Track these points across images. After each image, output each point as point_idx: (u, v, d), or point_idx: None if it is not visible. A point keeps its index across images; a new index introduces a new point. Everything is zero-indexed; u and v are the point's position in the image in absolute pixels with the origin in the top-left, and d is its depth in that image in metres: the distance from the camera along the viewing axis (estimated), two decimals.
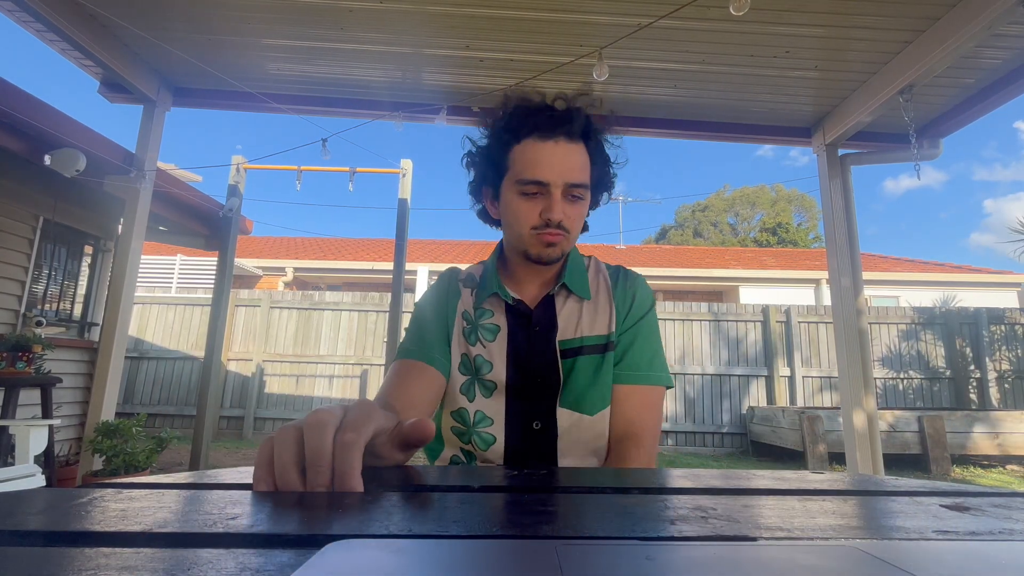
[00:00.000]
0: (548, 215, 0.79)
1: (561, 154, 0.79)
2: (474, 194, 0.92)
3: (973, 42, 2.45)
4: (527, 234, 0.81)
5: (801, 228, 26.01)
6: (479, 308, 0.88)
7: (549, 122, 0.80)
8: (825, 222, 3.53)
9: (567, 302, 0.88)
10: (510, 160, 0.82)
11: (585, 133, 0.82)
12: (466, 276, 0.94)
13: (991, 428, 5.34)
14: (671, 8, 2.48)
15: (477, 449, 0.83)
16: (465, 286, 0.92)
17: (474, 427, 0.84)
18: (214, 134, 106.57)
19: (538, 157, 0.79)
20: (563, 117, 0.80)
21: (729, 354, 7.00)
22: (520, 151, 0.81)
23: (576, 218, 0.83)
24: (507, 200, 0.83)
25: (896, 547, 0.23)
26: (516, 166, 0.81)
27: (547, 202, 0.79)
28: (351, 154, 19.13)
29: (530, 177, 0.79)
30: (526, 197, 0.81)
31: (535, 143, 0.80)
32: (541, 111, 0.81)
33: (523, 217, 0.81)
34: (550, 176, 0.79)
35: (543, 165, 0.79)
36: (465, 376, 0.86)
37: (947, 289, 8.70)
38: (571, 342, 0.84)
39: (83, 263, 4.59)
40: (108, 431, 3.02)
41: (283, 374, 7.10)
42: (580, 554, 0.21)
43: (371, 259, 10.93)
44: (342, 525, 0.27)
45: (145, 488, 0.35)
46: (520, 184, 0.80)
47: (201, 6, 2.69)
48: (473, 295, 0.90)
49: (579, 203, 0.83)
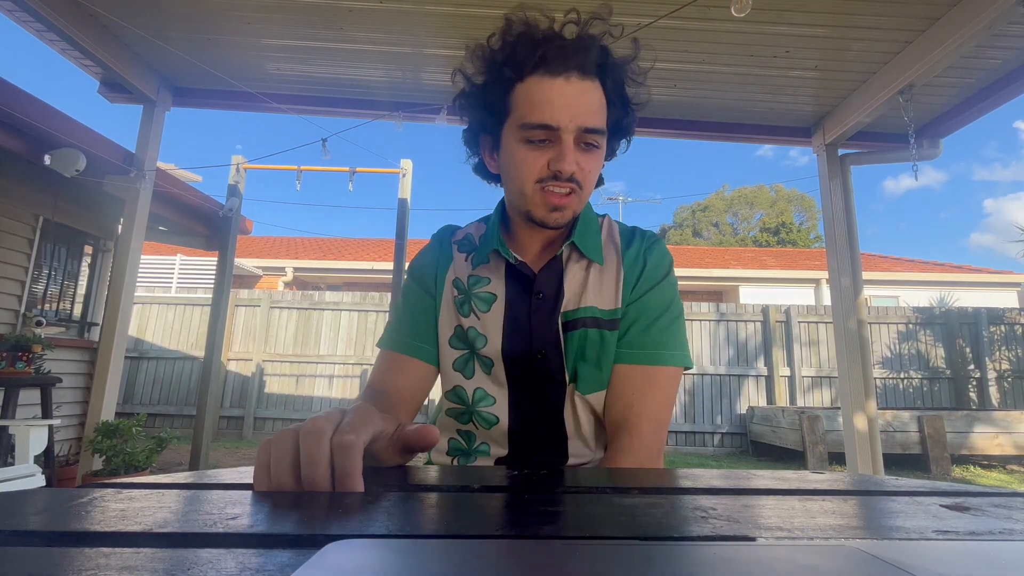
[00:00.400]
0: (558, 165, 0.67)
1: (574, 93, 0.66)
2: (469, 144, 0.80)
3: (973, 42, 2.45)
4: (531, 190, 0.69)
5: (803, 228, 26.03)
6: (473, 275, 0.79)
7: (559, 54, 0.66)
8: (825, 222, 3.53)
9: (575, 266, 0.76)
10: (512, 101, 0.69)
11: (601, 67, 0.69)
12: (463, 237, 0.83)
13: (991, 428, 5.34)
14: (671, 8, 2.48)
15: (479, 428, 0.77)
16: (460, 250, 0.82)
17: (474, 406, 0.76)
18: (214, 134, 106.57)
19: (546, 96, 0.66)
20: (575, 48, 0.67)
21: (729, 354, 7.00)
22: (524, 90, 0.68)
23: (591, 171, 0.70)
24: (509, 149, 0.71)
25: (896, 547, 0.23)
26: (520, 108, 0.68)
27: (557, 150, 0.67)
28: (351, 154, 19.13)
29: (537, 120, 0.66)
30: (531, 145, 0.68)
31: (542, 80, 0.67)
32: (549, 40, 0.67)
33: (527, 169, 0.69)
34: (560, 119, 0.66)
35: (552, 106, 0.66)
36: (460, 351, 0.78)
37: (947, 289, 8.70)
38: (575, 312, 0.74)
39: (83, 263, 4.59)
40: (108, 431, 3.02)
41: (283, 374, 7.10)
42: (580, 554, 0.21)
43: (371, 259, 10.94)
44: (342, 525, 0.27)
45: (145, 488, 0.35)
46: (524, 129, 0.68)
47: (201, 6, 2.69)
48: (469, 260, 0.80)
49: (594, 152, 0.70)
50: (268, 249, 11.83)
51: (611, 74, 0.70)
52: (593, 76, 0.68)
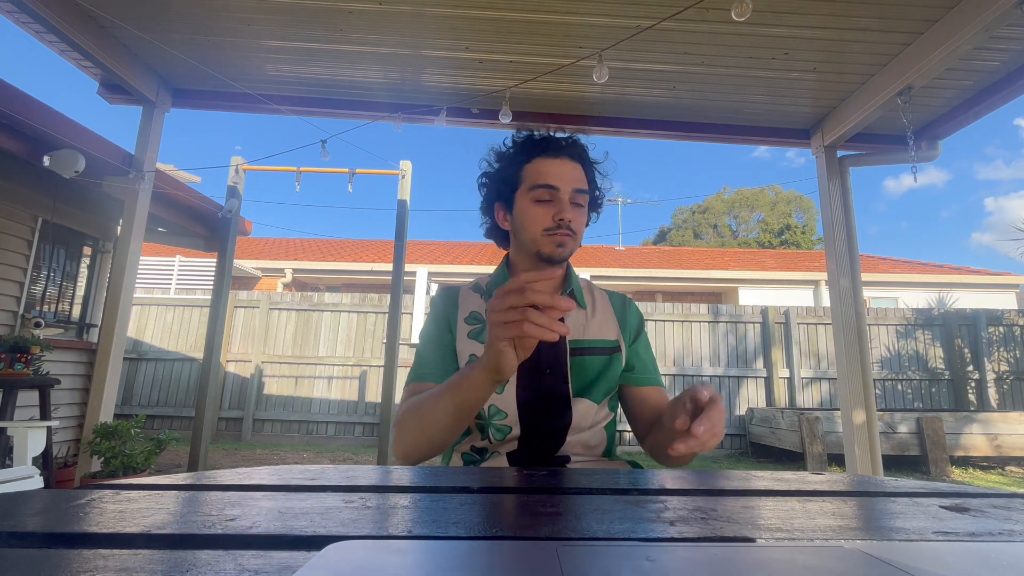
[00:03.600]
0: (560, 216, 0.91)
1: (567, 168, 0.94)
2: (486, 212, 1.04)
3: (971, 44, 2.45)
4: (540, 236, 0.92)
5: (806, 230, 26.05)
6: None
7: (555, 144, 0.96)
8: (824, 224, 3.53)
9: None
10: (523, 175, 0.95)
11: (582, 158, 0.98)
12: (474, 284, 1.05)
13: (990, 429, 5.34)
14: (672, 10, 2.48)
15: (493, 441, 0.90)
16: (474, 291, 1.02)
17: (490, 420, 0.91)
18: (213, 135, 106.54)
19: (548, 169, 0.94)
20: (566, 142, 0.96)
21: (728, 355, 7.00)
22: (532, 167, 0.95)
23: (580, 223, 0.94)
24: (521, 208, 0.95)
25: (896, 548, 0.23)
26: (529, 178, 0.94)
27: (558, 206, 0.92)
28: (350, 155, 19.14)
29: (543, 183, 0.92)
30: (539, 204, 0.93)
31: (546, 159, 0.95)
32: (547, 138, 0.97)
33: (538, 220, 0.93)
34: (559, 182, 0.92)
35: (553, 174, 0.93)
36: None
37: (946, 291, 8.71)
38: (579, 343, 0.95)
39: (82, 264, 4.58)
40: (107, 432, 3.01)
41: (282, 375, 7.09)
42: (581, 555, 0.21)
43: (370, 260, 10.93)
44: (342, 525, 0.27)
45: (143, 489, 0.35)
46: (534, 190, 0.93)
47: (201, 8, 2.69)
48: (483, 299, 0.99)
49: (581, 210, 0.95)
50: (267, 250, 11.83)
51: (589, 165, 1.00)
52: (578, 161, 0.97)
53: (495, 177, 1.01)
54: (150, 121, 3.35)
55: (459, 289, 1.03)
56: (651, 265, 11.46)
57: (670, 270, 10.79)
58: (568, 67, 2.94)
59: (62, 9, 2.63)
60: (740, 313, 7.14)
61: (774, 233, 26.07)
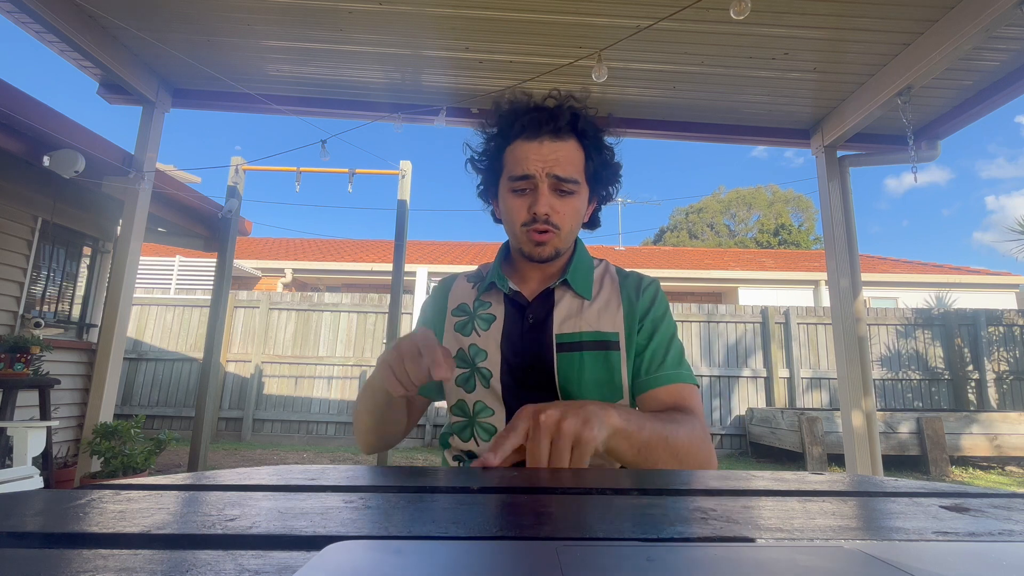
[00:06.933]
0: (534, 207, 0.81)
1: (546, 151, 0.82)
2: (483, 197, 0.96)
3: (971, 44, 2.46)
4: (519, 231, 0.84)
5: (803, 230, 26.05)
6: (478, 299, 0.91)
7: (534, 122, 0.83)
8: (824, 223, 3.54)
9: (566, 297, 0.88)
10: (503, 161, 0.86)
11: (575, 128, 0.84)
12: (472, 273, 0.98)
13: (990, 429, 5.34)
14: (671, 10, 2.48)
15: (479, 442, 0.84)
16: (468, 281, 0.96)
17: (475, 417, 0.85)
18: (213, 135, 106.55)
19: (526, 154, 0.82)
20: (549, 116, 0.83)
21: (728, 355, 7.00)
22: (510, 151, 0.85)
23: (567, 213, 0.84)
24: (502, 198, 0.87)
25: (896, 548, 0.23)
26: (508, 165, 0.85)
27: (534, 196, 0.82)
28: (350, 155, 19.15)
29: (518, 173, 0.83)
30: (516, 194, 0.84)
31: (523, 143, 0.83)
32: (528, 112, 0.84)
33: (515, 214, 0.84)
34: (534, 169, 0.81)
35: (528, 160, 0.82)
36: (462, 369, 0.87)
37: (946, 290, 8.71)
38: (570, 336, 0.84)
39: (82, 264, 4.58)
40: (106, 433, 3.01)
41: (282, 375, 7.09)
42: (580, 555, 0.21)
43: (370, 260, 10.93)
44: (342, 525, 0.27)
45: (143, 489, 0.35)
46: (511, 181, 0.84)
47: (200, 8, 2.69)
48: (476, 288, 0.93)
49: (569, 198, 0.84)
50: (267, 250, 11.82)
51: (588, 134, 0.86)
52: (567, 136, 0.84)
53: (480, 162, 0.92)
54: (150, 121, 3.35)
55: (455, 279, 0.98)
56: (651, 265, 11.47)
57: (670, 270, 10.79)
58: (567, 67, 2.94)
59: (62, 9, 2.63)
60: (740, 313, 7.14)
61: (771, 232, 26.07)
